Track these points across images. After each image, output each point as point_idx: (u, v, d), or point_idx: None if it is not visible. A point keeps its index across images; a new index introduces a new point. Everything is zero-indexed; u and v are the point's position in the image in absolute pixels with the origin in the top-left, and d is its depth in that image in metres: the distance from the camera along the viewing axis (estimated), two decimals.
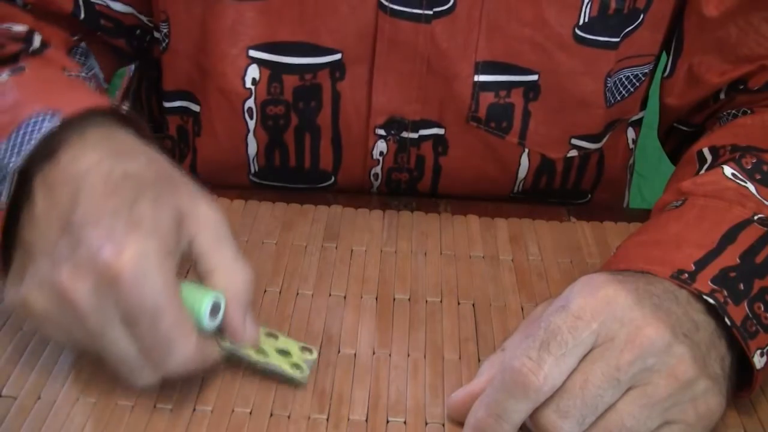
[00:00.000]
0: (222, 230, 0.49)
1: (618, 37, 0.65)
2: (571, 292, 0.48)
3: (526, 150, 0.69)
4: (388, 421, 0.49)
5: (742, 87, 0.67)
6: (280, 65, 0.65)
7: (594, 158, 0.73)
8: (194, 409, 0.49)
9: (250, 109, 0.67)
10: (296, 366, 0.51)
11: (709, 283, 0.49)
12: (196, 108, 0.69)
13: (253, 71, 0.65)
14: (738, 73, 0.67)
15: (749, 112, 0.66)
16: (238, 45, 0.64)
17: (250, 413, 0.49)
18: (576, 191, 0.74)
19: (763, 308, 0.50)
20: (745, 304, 0.49)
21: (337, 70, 0.65)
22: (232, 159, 0.70)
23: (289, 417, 0.49)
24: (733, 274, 0.50)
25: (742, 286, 0.50)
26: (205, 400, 0.49)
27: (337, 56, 0.65)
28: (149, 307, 0.44)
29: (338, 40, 0.64)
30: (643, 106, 0.75)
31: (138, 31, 0.71)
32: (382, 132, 0.68)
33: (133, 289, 0.44)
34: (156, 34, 0.70)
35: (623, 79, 0.68)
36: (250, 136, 0.68)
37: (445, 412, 0.50)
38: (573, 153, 0.70)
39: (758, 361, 0.49)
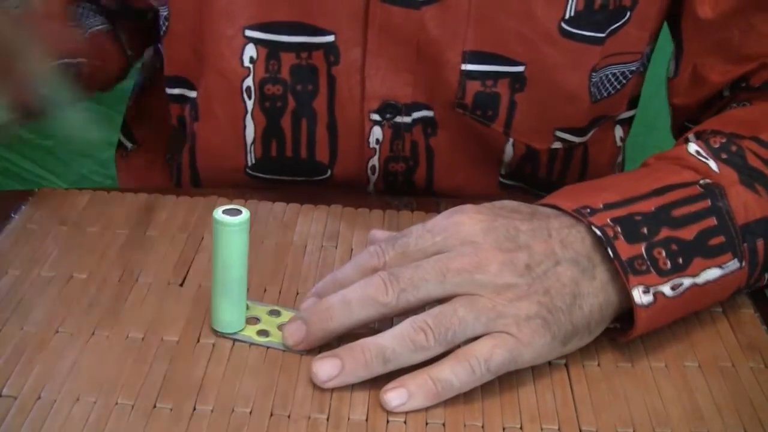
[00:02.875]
0: None
1: (603, 32, 0.66)
2: (442, 213, 0.54)
3: (511, 139, 0.70)
4: (388, 422, 0.49)
5: (744, 84, 0.68)
6: (276, 44, 0.66)
7: (578, 152, 0.73)
8: (194, 409, 0.49)
9: (248, 88, 0.68)
10: (263, 332, 0.54)
11: (608, 220, 0.52)
12: (192, 94, 0.70)
13: (251, 50, 0.67)
14: (740, 72, 0.67)
15: (747, 104, 0.67)
16: (234, 25, 0.66)
17: (250, 413, 0.49)
18: (563, 185, 0.75)
19: (664, 254, 0.52)
20: (642, 246, 0.52)
21: (331, 53, 0.66)
22: (231, 143, 0.71)
23: (289, 417, 0.49)
24: (638, 218, 0.53)
25: (645, 230, 0.53)
26: (205, 400, 0.49)
27: (331, 38, 0.66)
28: None
29: (331, 22, 0.66)
30: (632, 105, 0.76)
31: (150, 15, 0.72)
32: (376, 117, 0.68)
33: None
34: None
35: (609, 76, 0.69)
36: (248, 117, 0.69)
37: (445, 412, 0.50)
38: (557, 145, 0.71)
39: (639, 296, 0.51)
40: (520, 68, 0.67)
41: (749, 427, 0.50)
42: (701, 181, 0.56)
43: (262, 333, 0.54)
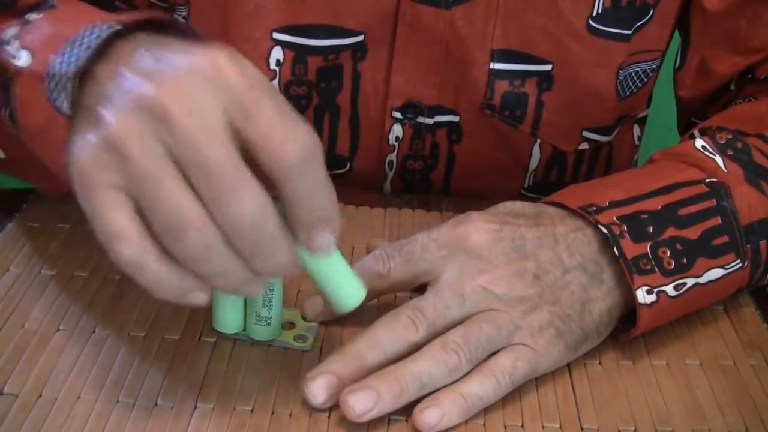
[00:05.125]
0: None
1: (630, 29, 0.66)
2: (447, 221, 0.54)
3: (538, 141, 0.70)
4: (389, 420, 0.49)
5: (750, 76, 0.68)
6: (304, 47, 0.66)
7: (603, 152, 0.73)
8: (195, 407, 0.49)
9: None
10: (300, 337, 0.53)
11: (614, 218, 0.52)
12: None
13: (277, 53, 0.66)
14: (746, 63, 0.68)
15: (753, 100, 0.67)
16: (261, 28, 0.65)
17: (252, 411, 0.49)
18: None
19: (668, 254, 0.52)
20: (648, 245, 0.52)
21: (358, 50, 0.66)
22: None
23: (290, 415, 0.49)
24: (644, 217, 0.53)
25: (650, 229, 0.53)
26: (207, 398, 0.49)
27: (360, 38, 0.66)
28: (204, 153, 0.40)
29: (361, 23, 0.66)
30: (648, 103, 0.76)
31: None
32: (398, 115, 0.69)
33: (184, 121, 0.40)
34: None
35: (632, 74, 0.69)
36: None
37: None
38: (584, 146, 0.71)
39: (643, 296, 0.51)
40: (548, 67, 0.67)
41: (750, 425, 0.50)
42: (707, 180, 0.56)
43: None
